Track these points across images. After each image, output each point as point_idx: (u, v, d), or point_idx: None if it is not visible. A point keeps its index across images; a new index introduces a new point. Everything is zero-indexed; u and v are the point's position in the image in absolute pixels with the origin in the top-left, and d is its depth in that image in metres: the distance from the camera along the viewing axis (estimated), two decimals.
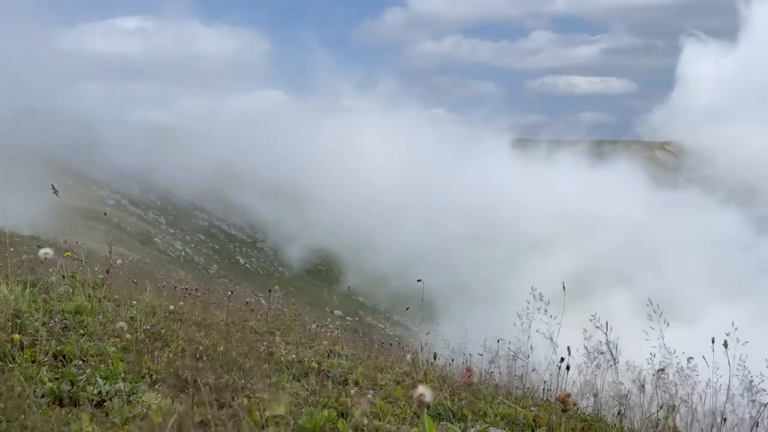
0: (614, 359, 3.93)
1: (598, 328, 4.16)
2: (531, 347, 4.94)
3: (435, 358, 6.18)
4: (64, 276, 5.47)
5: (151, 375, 3.36)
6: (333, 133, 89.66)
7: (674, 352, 3.90)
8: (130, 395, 2.97)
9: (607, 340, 4.15)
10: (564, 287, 4.16)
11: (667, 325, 3.88)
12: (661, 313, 3.94)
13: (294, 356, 4.63)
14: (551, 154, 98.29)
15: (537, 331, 4.19)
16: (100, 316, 4.42)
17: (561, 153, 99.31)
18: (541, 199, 73.83)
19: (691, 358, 4.11)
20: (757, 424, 3.96)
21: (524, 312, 4.54)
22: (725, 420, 4.00)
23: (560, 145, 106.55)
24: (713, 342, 3.90)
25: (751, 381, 3.98)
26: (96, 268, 8.30)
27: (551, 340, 4.08)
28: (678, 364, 3.95)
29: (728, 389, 3.95)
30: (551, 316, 4.15)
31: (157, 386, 3.22)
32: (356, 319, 37.96)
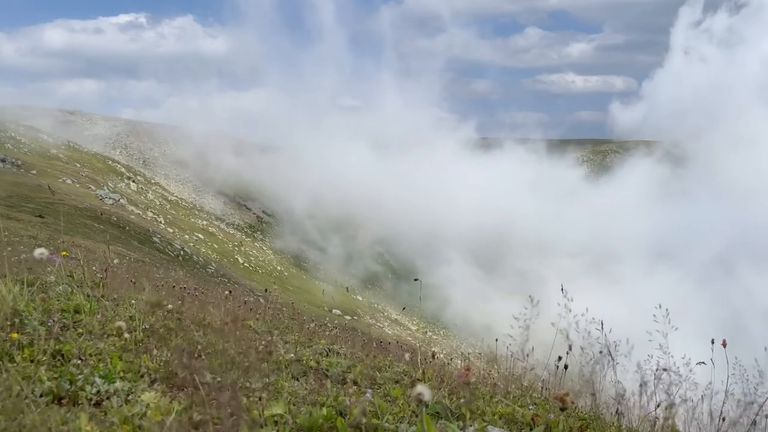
0: (612, 358, 3.94)
1: (598, 330, 4.16)
2: (531, 348, 4.94)
3: (433, 357, 6.19)
4: (67, 275, 5.47)
5: (150, 374, 3.36)
6: (331, 133, 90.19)
7: (670, 353, 3.91)
8: (128, 394, 2.97)
9: (605, 339, 4.15)
10: (563, 290, 4.16)
11: (675, 328, 3.88)
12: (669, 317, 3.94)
13: (292, 355, 4.63)
14: (546, 153, 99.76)
15: (552, 324, 4.18)
16: (99, 316, 4.42)
17: (554, 151, 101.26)
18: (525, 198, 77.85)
19: (685, 357, 4.12)
20: (755, 423, 3.97)
21: (521, 315, 4.52)
22: (724, 419, 4.00)
23: (550, 143, 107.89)
24: (713, 342, 3.91)
25: (748, 379, 3.99)
26: (94, 268, 8.31)
27: (567, 336, 4.07)
28: (675, 364, 3.96)
29: (726, 388, 3.96)
30: (569, 309, 4.14)
31: (155, 385, 3.22)
32: (355, 318, 37.97)
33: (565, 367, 4.42)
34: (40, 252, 3.91)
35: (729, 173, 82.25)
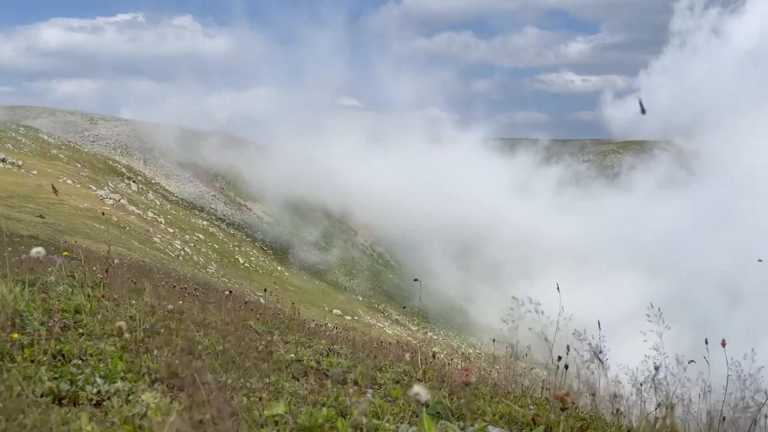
0: (602, 362, 3.93)
1: (582, 339, 4.16)
2: (529, 347, 4.95)
3: (434, 357, 6.19)
4: (68, 276, 5.48)
5: (150, 374, 3.36)
6: (329, 132, 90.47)
7: (666, 355, 3.91)
8: (129, 394, 2.97)
9: (599, 340, 4.16)
10: (558, 288, 4.16)
11: (669, 328, 3.89)
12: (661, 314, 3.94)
13: (293, 355, 4.63)
14: (544, 155, 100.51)
15: (530, 329, 4.19)
16: (99, 316, 4.42)
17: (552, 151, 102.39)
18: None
19: (690, 359, 4.12)
20: (755, 422, 3.97)
21: (508, 316, 4.50)
22: (724, 419, 4.00)
23: (548, 142, 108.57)
24: (707, 342, 3.92)
25: (745, 380, 3.99)
26: (95, 268, 8.31)
27: (546, 339, 4.07)
28: (669, 364, 3.97)
29: (725, 388, 3.96)
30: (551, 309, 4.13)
31: (156, 385, 3.22)
32: (355, 318, 37.96)
33: (566, 367, 4.42)
34: (36, 251, 3.90)
35: (727, 172, 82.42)
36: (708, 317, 45.67)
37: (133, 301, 5.26)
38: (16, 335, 3.43)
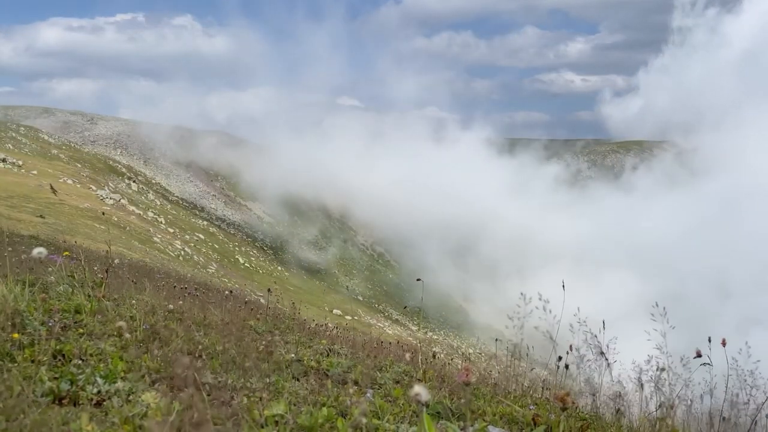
0: (606, 361, 3.93)
1: (596, 333, 4.16)
2: (531, 347, 4.94)
3: (434, 357, 6.19)
4: (68, 276, 5.47)
5: (151, 374, 3.36)
6: (330, 133, 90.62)
7: (669, 354, 3.91)
8: (129, 394, 2.97)
9: (602, 339, 4.15)
10: (563, 286, 4.16)
11: (673, 328, 3.88)
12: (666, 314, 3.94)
13: (293, 355, 4.63)
14: (542, 155, 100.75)
15: (536, 328, 4.18)
16: (100, 316, 4.42)
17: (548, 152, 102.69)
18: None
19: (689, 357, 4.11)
20: (756, 422, 3.97)
21: (515, 313, 4.50)
22: (724, 419, 4.00)
23: (548, 142, 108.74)
24: (710, 341, 3.92)
25: (745, 380, 3.99)
26: (95, 268, 8.30)
27: (551, 338, 4.07)
28: (671, 363, 3.96)
29: (726, 388, 3.96)
30: (550, 311, 4.13)
31: (156, 385, 3.22)
32: (355, 318, 37.97)
33: (566, 366, 4.42)
34: (38, 251, 3.89)
35: (726, 171, 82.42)
36: (702, 314, 45.88)
37: (134, 301, 5.26)
38: (16, 335, 3.43)
